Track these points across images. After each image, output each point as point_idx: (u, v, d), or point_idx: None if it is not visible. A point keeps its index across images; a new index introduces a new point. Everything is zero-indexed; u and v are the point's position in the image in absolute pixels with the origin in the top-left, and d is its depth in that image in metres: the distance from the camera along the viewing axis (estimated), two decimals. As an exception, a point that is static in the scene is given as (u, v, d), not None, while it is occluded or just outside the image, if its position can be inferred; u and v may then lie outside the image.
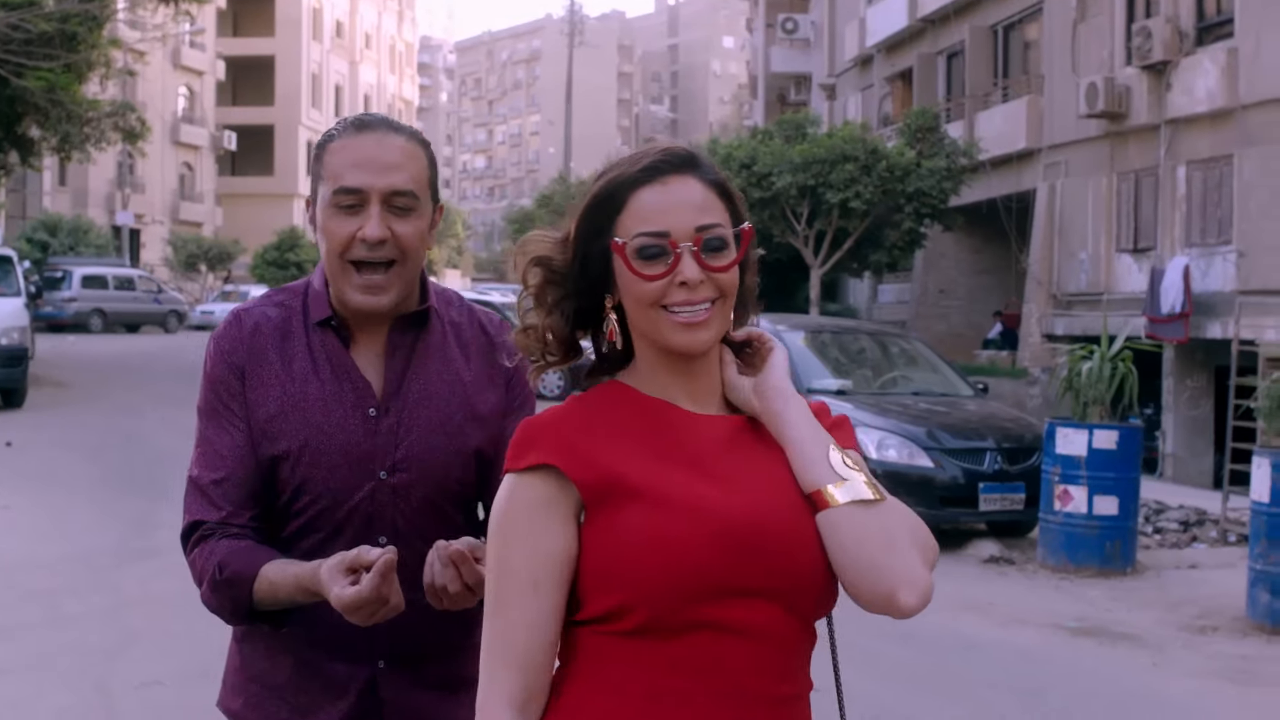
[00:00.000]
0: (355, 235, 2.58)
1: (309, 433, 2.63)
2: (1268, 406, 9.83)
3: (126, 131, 31.76)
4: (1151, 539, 13.10)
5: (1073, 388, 11.49)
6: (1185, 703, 7.72)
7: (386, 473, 2.65)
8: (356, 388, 2.67)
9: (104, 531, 11.59)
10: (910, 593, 1.93)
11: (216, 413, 2.68)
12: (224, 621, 2.67)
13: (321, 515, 2.65)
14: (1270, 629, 9.32)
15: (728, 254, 2.06)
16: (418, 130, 2.73)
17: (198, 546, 2.64)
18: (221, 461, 2.65)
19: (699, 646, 1.95)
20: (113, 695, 7.18)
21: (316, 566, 2.49)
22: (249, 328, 2.71)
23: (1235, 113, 23.11)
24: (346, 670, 2.67)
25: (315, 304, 2.73)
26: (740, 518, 1.97)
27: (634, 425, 2.07)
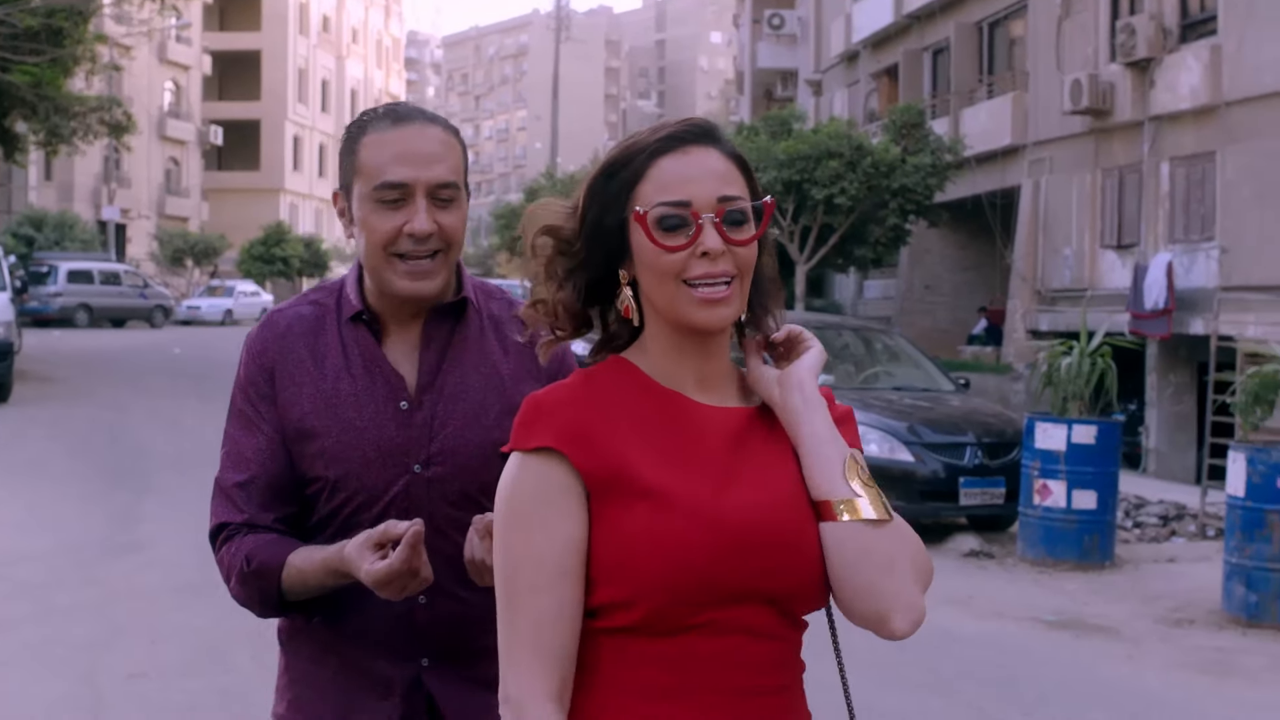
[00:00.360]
0: (401, 229, 2.57)
1: (341, 429, 2.62)
2: (1244, 401, 9.92)
3: (113, 125, 31.82)
4: (1131, 533, 13.20)
5: (1052, 383, 11.58)
6: (1160, 694, 7.81)
7: (421, 466, 2.62)
8: (389, 381, 2.65)
9: (90, 525, 11.65)
10: (904, 618, 1.93)
11: (244, 414, 2.69)
12: (256, 615, 2.67)
13: (358, 512, 2.62)
14: (1246, 622, 9.42)
15: (748, 229, 2.02)
16: (449, 120, 2.72)
17: (224, 546, 2.65)
18: (246, 464, 2.65)
19: (694, 645, 1.94)
20: (100, 687, 7.24)
21: (342, 546, 2.50)
22: (281, 328, 2.70)
23: (1218, 110, 23.19)
24: (391, 669, 2.64)
25: (348, 300, 2.71)
26: (744, 524, 1.94)
27: (641, 414, 2.02)
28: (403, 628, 2.60)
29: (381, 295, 2.66)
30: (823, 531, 1.97)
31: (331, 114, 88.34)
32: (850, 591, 1.95)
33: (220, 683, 7.36)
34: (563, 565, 1.94)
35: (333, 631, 2.66)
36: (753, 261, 2.03)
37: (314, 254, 66.19)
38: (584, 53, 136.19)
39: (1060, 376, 11.45)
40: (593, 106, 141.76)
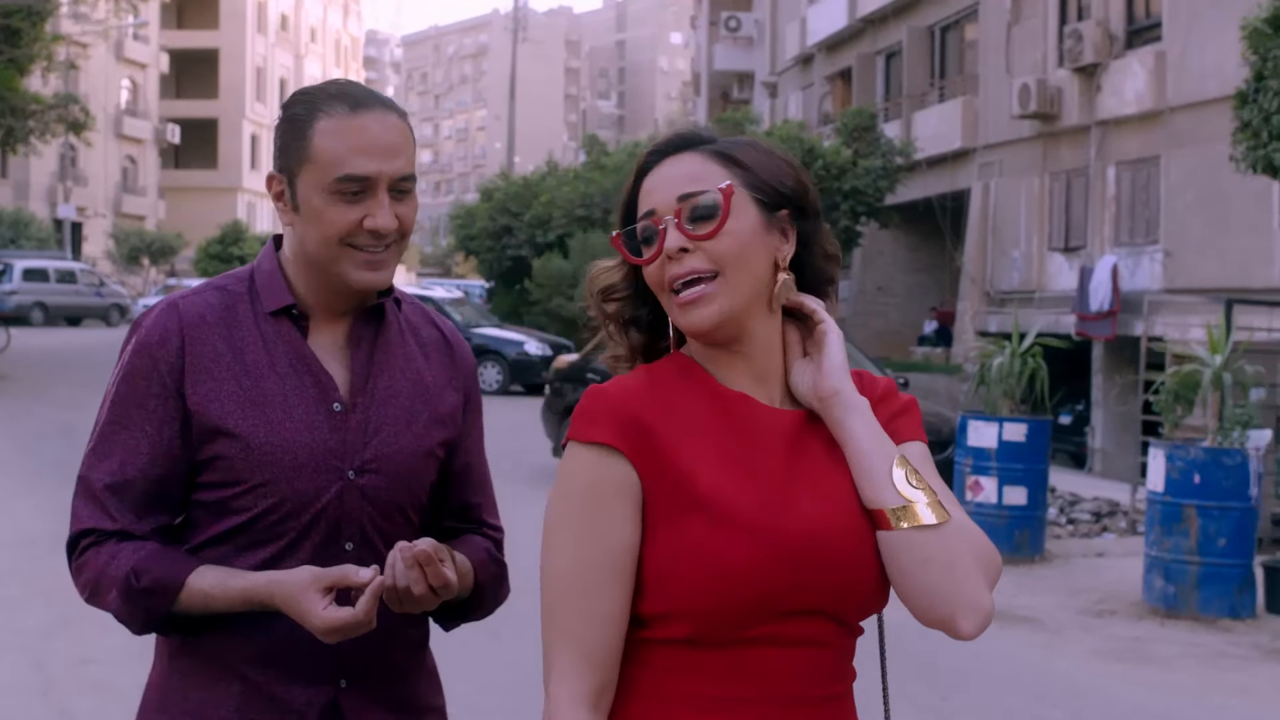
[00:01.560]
0: (361, 223, 2.40)
1: (268, 429, 2.41)
2: (1165, 400, 10.25)
3: (70, 123, 31.80)
4: (1064, 529, 13.53)
5: (984, 382, 11.90)
6: (1074, 679, 8.11)
7: (355, 473, 2.45)
8: (319, 381, 2.47)
9: (41, 519, 11.80)
10: (970, 619, 1.88)
11: (128, 409, 2.43)
12: (132, 631, 2.43)
13: (285, 520, 2.42)
14: (1164, 612, 9.75)
15: (718, 219, 1.95)
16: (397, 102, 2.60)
17: (89, 552, 2.41)
18: (123, 464, 2.42)
19: (748, 658, 1.90)
20: (50, 671, 7.47)
21: (275, 580, 2.33)
22: (191, 317, 2.46)
23: (1163, 115, 23.58)
24: (305, 693, 2.42)
25: (269, 291, 2.51)
26: (802, 539, 1.89)
27: (704, 415, 1.97)
28: (319, 647, 2.37)
29: (316, 289, 2.50)
30: (880, 540, 1.92)
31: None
32: (914, 597, 1.91)
33: (168, 669, 7.58)
34: (614, 569, 1.90)
35: (234, 651, 2.42)
36: (733, 252, 1.94)
37: (271, 253, 66.13)
38: (544, 53, 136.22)
39: (992, 376, 11.76)
40: (552, 106, 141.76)
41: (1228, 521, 9.55)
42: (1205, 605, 9.61)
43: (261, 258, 2.58)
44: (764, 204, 1.99)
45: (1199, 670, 8.45)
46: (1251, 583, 9.75)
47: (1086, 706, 7.54)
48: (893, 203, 31.61)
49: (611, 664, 1.91)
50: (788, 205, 2.02)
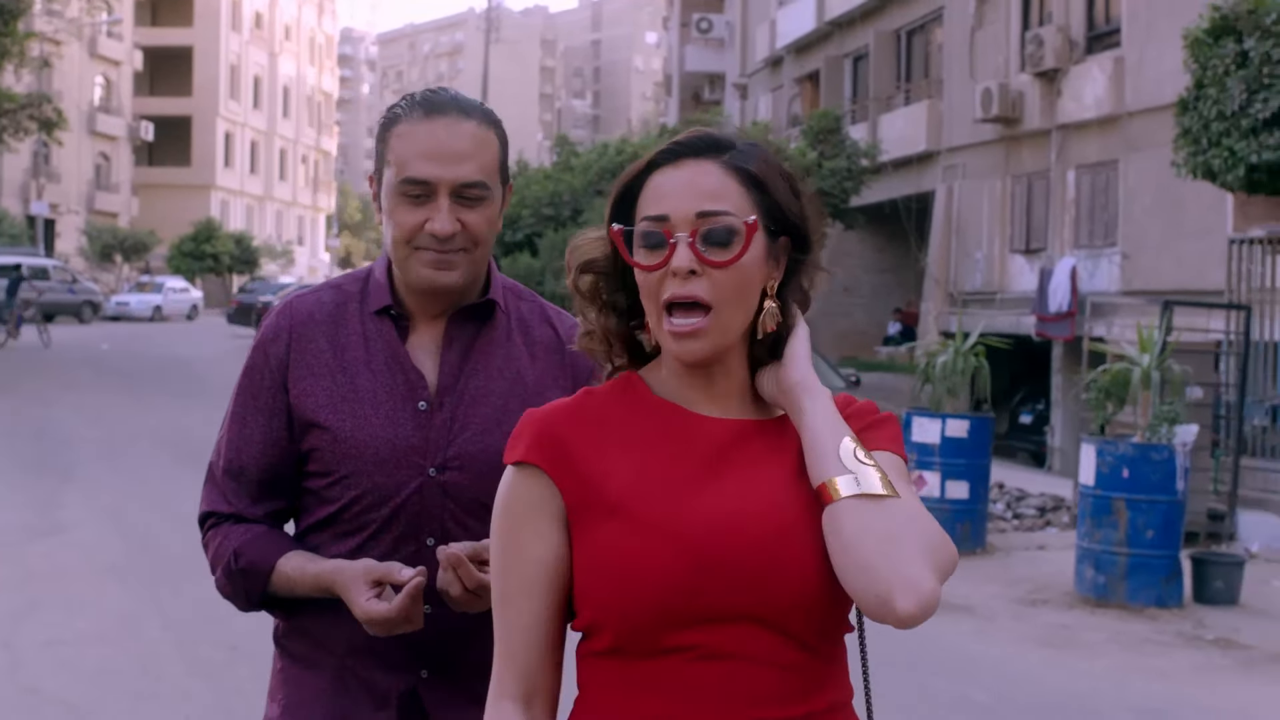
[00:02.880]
0: (423, 226, 2.49)
1: (355, 424, 2.54)
2: (1097, 397, 10.64)
3: (43, 121, 31.97)
4: (1009, 523, 13.91)
5: (929, 380, 12.27)
6: (998, 662, 8.48)
7: (436, 470, 2.54)
8: (409, 379, 2.57)
9: (12, 510, 12.11)
10: (907, 598, 1.74)
11: (247, 401, 2.62)
12: (237, 608, 2.64)
13: (367, 511, 2.54)
14: (1094, 601, 10.13)
15: (734, 249, 1.88)
16: (489, 110, 2.63)
17: (210, 533, 2.63)
18: (240, 453, 2.61)
19: (675, 669, 1.84)
20: (18, 651, 7.78)
21: (338, 569, 2.47)
22: (301, 315, 2.61)
23: (1121, 119, 23.89)
24: (387, 679, 2.55)
25: (375, 292, 2.63)
26: (709, 537, 1.84)
27: (635, 429, 1.95)
28: (402, 638, 2.48)
29: (409, 289, 2.60)
30: (824, 518, 1.83)
31: (263, 110, 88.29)
32: (849, 574, 1.79)
33: (132, 650, 7.91)
34: (527, 581, 1.91)
35: (330, 636, 2.58)
36: (736, 287, 1.90)
37: (244, 251, 66.15)
38: (519, 52, 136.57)
39: (935, 373, 12.13)
40: (528, 105, 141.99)
41: (1155, 514, 9.93)
42: (1133, 594, 9.99)
43: (379, 260, 2.69)
44: (771, 231, 1.94)
45: (1121, 656, 8.82)
46: (1178, 573, 10.14)
47: (1010, 689, 7.90)
48: (859, 204, 31.93)
49: (536, 670, 1.93)
50: (789, 232, 1.97)
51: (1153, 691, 7.95)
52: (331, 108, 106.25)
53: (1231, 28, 13.69)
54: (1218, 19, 13.84)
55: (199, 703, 6.98)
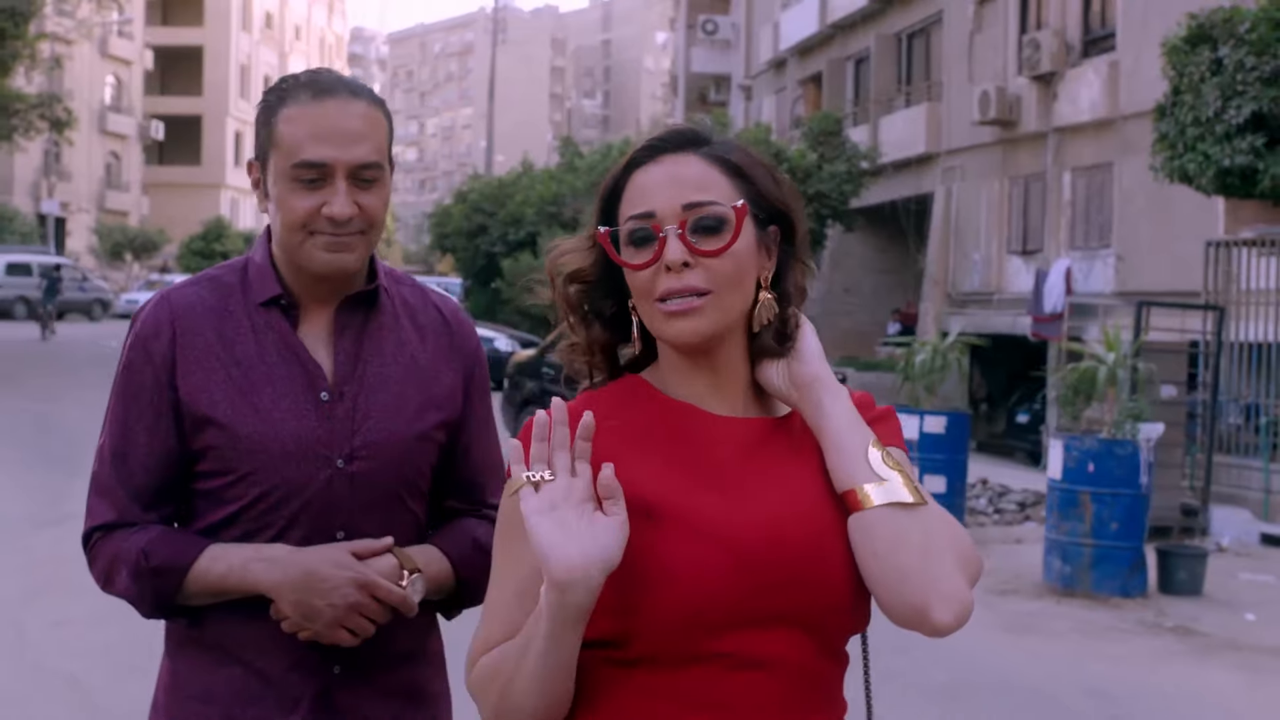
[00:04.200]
0: (319, 210, 2.40)
1: (257, 419, 2.43)
2: (1066, 395, 11.02)
3: (53, 121, 32.35)
4: (991, 518, 14.29)
5: (909, 377, 12.66)
6: (960, 647, 8.75)
7: (344, 461, 2.45)
8: (307, 371, 2.48)
9: (19, 502, 12.53)
10: (945, 608, 1.74)
11: (126, 404, 2.49)
12: (141, 614, 2.51)
13: (274, 509, 2.44)
14: (1061, 590, 10.50)
15: (724, 236, 1.85)
16: (371, 89, 2.52)
17: (99, 544, 2.49)
18: (125, 457, 2.47)
19: (709, 680, 1.78)
20: (26, 632, 8.19)
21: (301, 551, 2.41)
22: (180, 310, 2.49)
23: (1116, 122, 24.17)
24: (299, 679, 2.45)
25: (259, 282, 2.52)
26: (754, 539, 1.80)
27: (647, 429, 1.90)
28: None
29: (297, 277, 2.50)
30: (851, 526, 1.80)
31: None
32: (885, 584, 1.77)
33: (131, 629, 8.20)
34: (523, 588, 1.84)
35: (236, 639, 2.47)
36: (732, 273, 1.85)
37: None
38: (529, 52, 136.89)
39: (915, 371, 12.51)
40: (537, 105, 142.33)
41: (1119, 507, 10.30)
42: (1099, 584, 10.36)
43: (255, 248, 2.59)
44: (759, 220, 1.92)
45: (1080, 641, 9.19)
46: (1142, 564, 10.50)
47: (968, 670, 8.26)
48: (860, 205, 32.23)
49: None
50: (777, 222, 1.95)
51: (1105, 674, 8.31)
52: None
53: (1208, 36, 14.07)
54: (1195, 27, 14.23)
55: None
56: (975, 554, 1.85)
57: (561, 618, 1.72)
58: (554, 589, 1.71)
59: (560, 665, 1.77)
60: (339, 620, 2.36)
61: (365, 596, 2.37)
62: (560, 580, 1.70)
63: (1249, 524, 13.31)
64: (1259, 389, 14.98)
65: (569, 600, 1.71)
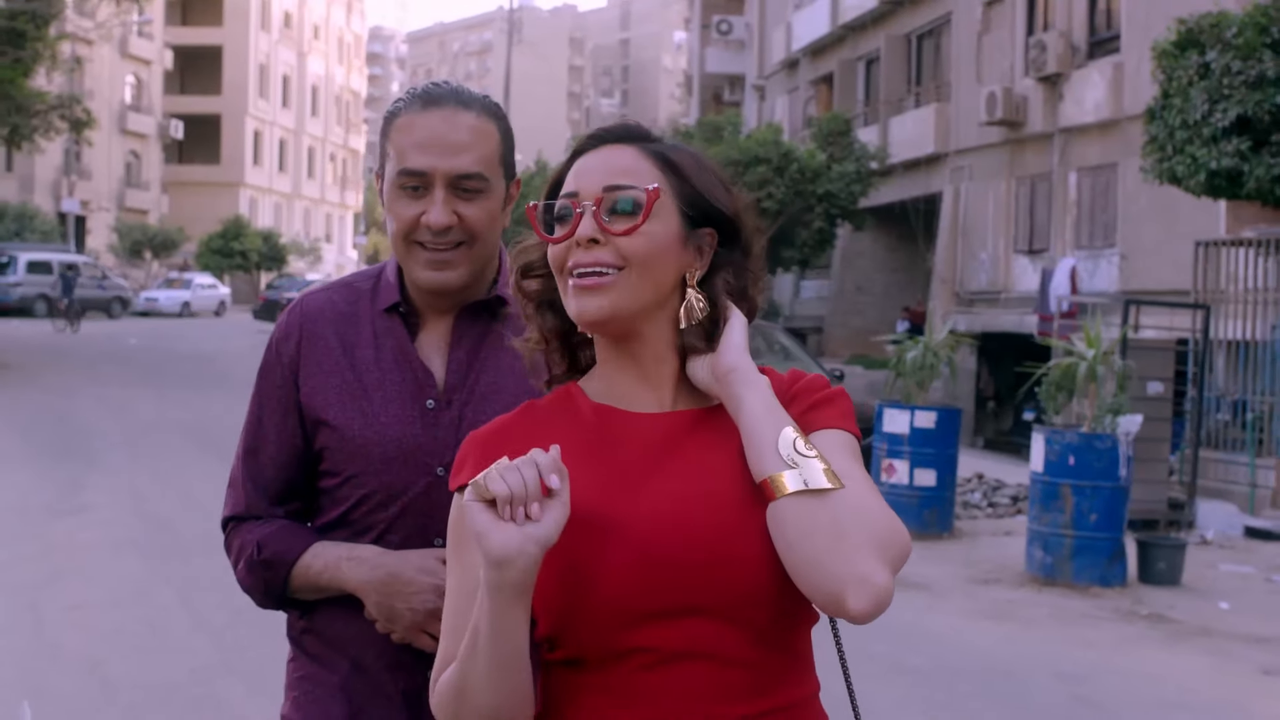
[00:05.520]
0: (419, 219, 2.45)
1: (363, 423, 2.50)
2: (1048, 390, 11.34)
3: (73, 121, 32.73)
4: (984, 511, 14.62)
5: (900, 374, 13.00)
6: (939, 632, 9.17)
7: (444, 469, 2.47)
8: (417, 377, 2.53)
9: (37, 493, 12.93)
10: (859, 595, 1.69)
11: (260, 402, 2.62)
12: (256, 604, 2.63)
13: (374, 511, 2.51)
14: (1042, 580, 10.82)
15: (637, 218, 1.89)
16: (491, 102, 2.57)
17: (231, 536, 2.62)
18: (257, 454, 2.61)
19: (640, 674, 1.82)
20: (42, 615, 8.58)
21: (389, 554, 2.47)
22: (311, 313, 2.60)
23: (1120, 123, 24.39)
24: (394, 678, 2.52)
25: (385, 289, 2.60)
26: (659, 534, 1.82)
27: (571, 435, 1.93)
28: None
29: (415, 286, 2.56)
30: (768, 514, 1.79)
31: (292, 109, 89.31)
32: (798, 572, 1.75)
33: (145, 614, 8.68)
34: (467, 598, 1.88)
35: (342, 635, 2.55)
36: (643, 253, 1.89)
37: (272, 248, 67.03)
38: (547, 51, 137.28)
39: (906, 368, 12.85)
40: (556, 104, 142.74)
41: (1099, 499, 10.63)
42: (1079, 574, 10.69)
43: (390, 257, 2.64)
44: (689, 217, 1.94)
45: (1055, 628, 9.51)
46: (1121, 554, 10.82)
47: (945, 655, 8.59)
48: (870, 205, 32.57)
49: None
50: (713, 225, 1.97)
51: (1077, 658, 8.63)
52: (359, 106, 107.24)
53: (1196, 41, 14.39)
54: (1183, 32, 14.54)
55: (202, 658, 7.74)
56: (899, 537, 1.79)
57: (500, 597, 1.74)
58: (491, 566, 1.73)
59: (510, 655, 1.79)
60: (419, 625, 2.40)
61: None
62: (496, 556, 1.72)
63: (1234, 517, 13.64)
64: (1246, 385, 15.30)
65: (506, 578, 1.73)
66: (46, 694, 6.97)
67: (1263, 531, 13.29)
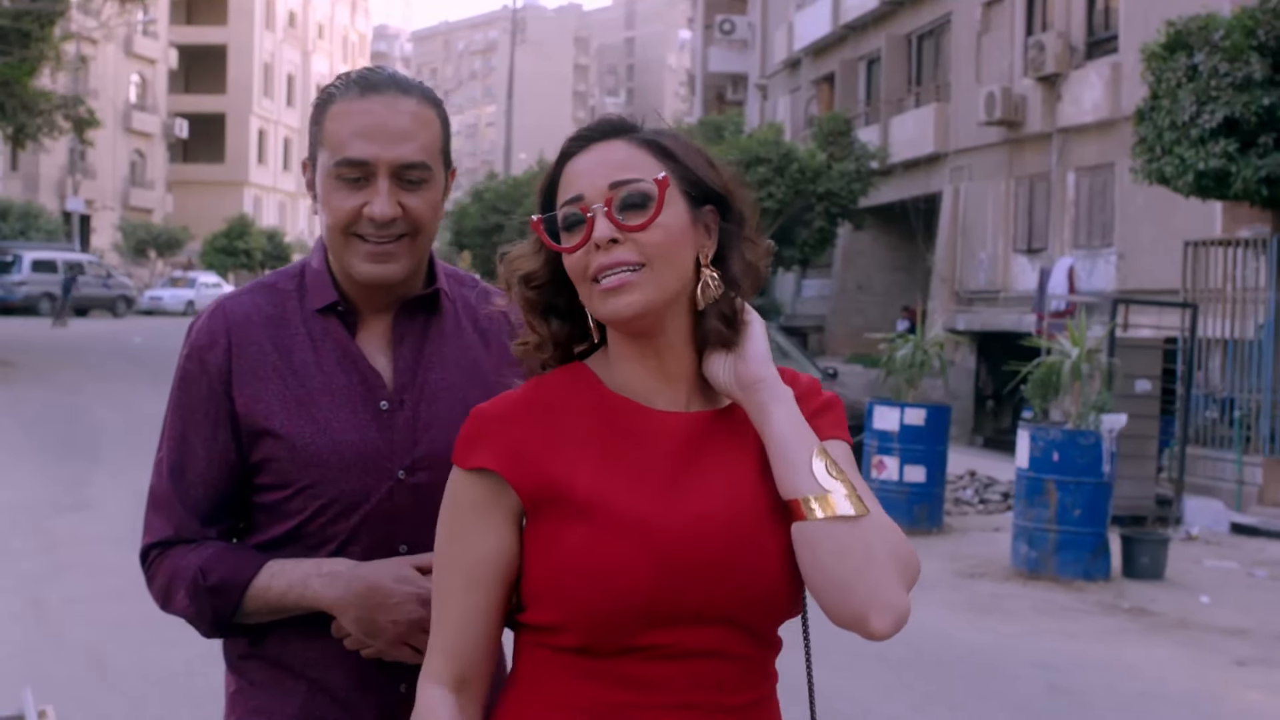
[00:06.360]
0: (361, 211, 2.31)
1: (315, 431, 2.36)
2: (1033, 388, 11.53)
3: (76, 120, 32.86)
4: (975, 507, 14.82)
5: (891, 372, 13.19)
6: (922, 624, 9.26)
7: (405, 472, 2.38)
8: (366, 379, 2.40)
9: (42, 488, 13.13)
10: (883, 618, 1.79)
11: (183, 417, 2.42)
12: (200, 634, 2.43)
13: (334, 521, 2.37)
14: (1027, 574, 11.02)
15: (650, 210, 1.88)
16: (428, 88, 2.42)
17: (156, 562, 2.40)
18: (183, 472, 2.40)
19: (641, 665, 1.85)
20: (44, 606, 8.78)
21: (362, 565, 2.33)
22: (235, 319, 2.41)
23: (1118, 123, 24.44)
24: (365, 697, 2.39)
25: (315, 288, 2.45)
26: (677, 538, 1.84)
27: (589, 424, 1.93)
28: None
29: (352, 283, 2.42)
30: (794, 532, 1.84)
31: (297, 108, 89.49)
32: (826, 594, 1.82)
33: (145, 607, 8.77)
34: (473, 577, 1.92)
35: (300, 658, 2.40)
36: (663, 245, 1.88)
37: (277, 247, 67.15)
38: (552, 50, 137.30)
39: (896, 366, 13.04)
40: (561, 103, 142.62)
41: (1082, 494, 10.82)
42: (1063, 568, 10.89)
43: (312, 254, 2.51)
44: (691, 197, 1.94)
45: (1036, 620, 9.71)
46: (1105, 549, 11.01)
47: (925, 645, 8.76)
48: (871, 204, 32.69)
49: (471, 660, 1.96)
50: (712, 201, 1.96)
51: (1055, 649, 8.83)
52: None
53: (1184, 43, 14.57)
54: (1172, 34, 14.73)
55: (199, 648, 7.90)
56: (913, 558, 1.88)
57: None
58: None
59: None
60: (402, 637, 2.28)
61: (429, 613, 2.18)
62: None
63: (1221, 514, 13.82)
64: (1234, 383, 15.48)
65: None
66: (48, 682, 7.16)
67: (1248, 527, 13.48)
